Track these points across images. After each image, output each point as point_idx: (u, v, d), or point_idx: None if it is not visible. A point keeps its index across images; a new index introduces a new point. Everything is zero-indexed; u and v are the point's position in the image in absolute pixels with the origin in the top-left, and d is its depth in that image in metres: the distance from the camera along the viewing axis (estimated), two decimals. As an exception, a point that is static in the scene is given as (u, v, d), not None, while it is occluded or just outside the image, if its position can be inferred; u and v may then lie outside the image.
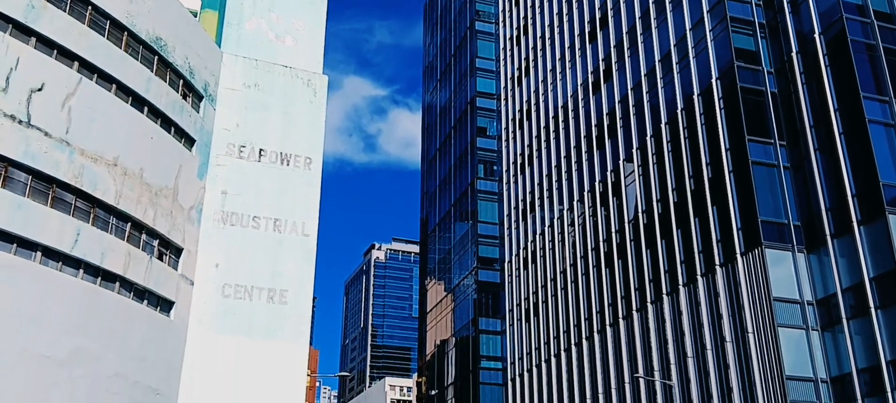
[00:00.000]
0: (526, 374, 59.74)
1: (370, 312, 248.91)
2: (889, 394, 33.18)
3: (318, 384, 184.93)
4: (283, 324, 25.32)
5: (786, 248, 38.36)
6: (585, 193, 54.48)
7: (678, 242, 44.03)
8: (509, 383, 62.30)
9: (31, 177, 20.55)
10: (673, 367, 42.80)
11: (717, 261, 40.65)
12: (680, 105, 44.95)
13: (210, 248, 25.65)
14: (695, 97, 43.65)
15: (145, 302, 23.13)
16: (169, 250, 24.63)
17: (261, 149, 27.75)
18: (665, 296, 44.42)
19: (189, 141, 26.23)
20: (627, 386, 46.85)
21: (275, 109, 28.99)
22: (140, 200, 23.36)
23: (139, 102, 24.18)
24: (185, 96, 26.37)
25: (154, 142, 24.36)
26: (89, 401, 20.34)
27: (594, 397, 50.09)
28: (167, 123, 25.20)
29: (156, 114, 24.76)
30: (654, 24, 48.86)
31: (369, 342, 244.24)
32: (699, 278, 41.80)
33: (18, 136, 20.18)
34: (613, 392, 48.12)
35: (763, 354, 36.94)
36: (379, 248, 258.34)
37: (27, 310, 19.46)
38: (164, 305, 23.88)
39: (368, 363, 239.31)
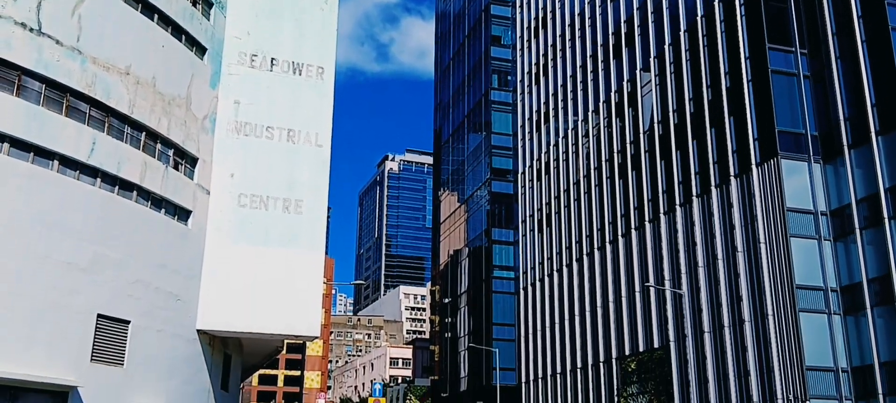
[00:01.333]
0: (538, 283, 60.59)
1: (384, 222, 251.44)
2: (898, 303, 33.48)
3: (333, 292, 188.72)
4: (298, 233, 25.63)
5: (802, 159, 38.11)
6: (601, 104, 53.96)
7: (693, 153, 43.79)
8: (521, 292, 63.30)
9: (44, 85, 20.55)
10: (683, 277, 43.24)
11: (731, 172, 40.49)
12: (700, 12, 43.93)
13: (225, 158, 25.77)
14: (715, 4, 42.61)
15: (163, 210, 23.43)
16: (184, 160, 24.78)
17: (273, 58, 27.51)
18: (678, 207, 44.49)
19: (200, 49, 26.02)
20: (638, 296, 47.50)
21: (286, 17, 28.57)
22: (153, 109, 23.38)
23: (149, 10, 23.90)
24: (194, 3, 26.02)
25: (165, 51, 24.20)
26: (112, 306, 20.88)
27: (605, 306, 50.88)
28: (178, 31, 24.96)
29: (166, 21, 24.50)
30: (674, -73, 47.27)
31: (384, 251, 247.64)
32: (713, 189, 41.74)
33: (30, 45, 20.10)
34: (624, 301, 48.83)
35: (774, 264, 37.19)
36: (392, 159, 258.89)
37: (48, 218, 19.80)
38: (182, 214, 24.20)
39: (383, 272, 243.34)
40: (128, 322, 21.14)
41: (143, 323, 21.54)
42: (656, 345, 45.17)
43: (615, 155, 51.50)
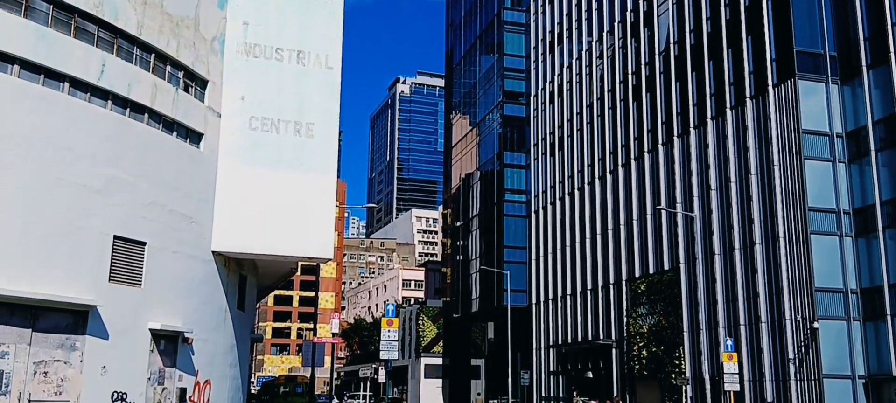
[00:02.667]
0: (549, 207, 60.73)
1: (396, 146, 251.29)
2: (911, 226, 33.40)
3: (346, 215, 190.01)
4: (310, 156, 25.63)
5: (819, 80, 37.51)
6: (616, 24, 52.96)
7: (709, 74, 43.16)
8: (533, 215, 63.52)
9: (52, 6, 20.33)
10: (695, 200, 43.19)
11: (747, 93, 39.96)
12: (718, -72, 42.64)
13: (235, 80, 25.61)
14: (735, -81, 41.29)
15: (174, 133, 23.44)
16: (194, 82, 24.65)
17: (281, -22, 26.99)
18: (692, 130, 44.11)
19: (208, -31, 25.56)
20: (649, 218, 47.57)
21: (294, -65, 27.88)
22: (162, 30, 23.15)
23: (154, -72, 23.39)
24: (201, -79, 25.46)
25: (172, -29, 23.79)
26: (128, 228, 21.13)
27: (616, 229, 51.04)
28: (184, -50, 24.50)
29: (172, -60, 24.00)
30: None
31: (395, 175, 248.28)
32: (728, 111, 41.27)
33: (35, -35, 19.81)
34: (635, 224, 48.95)
35: (787, 186, 37.03)
36: (404, 82, 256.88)
37: (60, 140, 19.87)
38: (194, 137, 24.21)
39: (395, 195, 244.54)
40: (144, 243, 21.42)
41: (158, 244, 21.82)
42: (666, 268, 45.47)
43: (629, 76, 50.83)
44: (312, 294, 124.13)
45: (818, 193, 36.27)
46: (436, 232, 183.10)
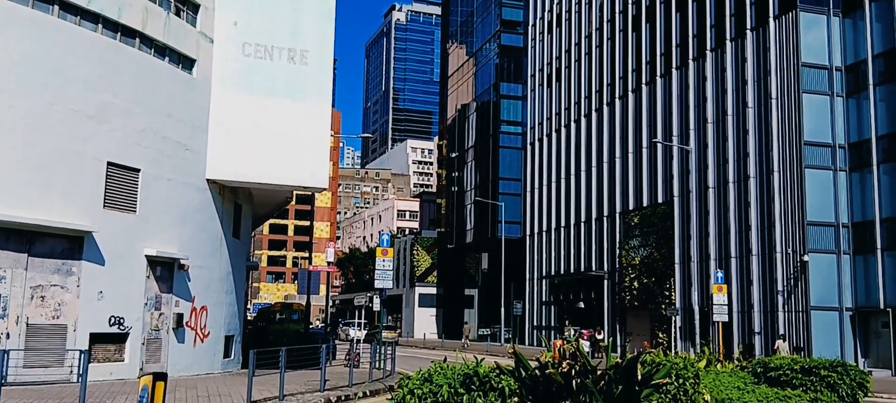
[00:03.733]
0: (545, 139, 60.59)
1: (391, 75, 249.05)
2: (906, 161, 33.48)
3: (341, 144, 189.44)
4: (304, 84, 25.33)
5: (820, 12, 37.07)
6: (615, -48, 51.93)
7: (709, 5, 42.57)
8: (529, 147, 63.42)
9: (38, -74, 19.81)
10: (692, 133, 43.12)
11: (748, 25, 39.51)
12: None
13: (227, 5, 25.12)
14: None
15: (167, 58, 23.11)
16: (185, 6, 24.19)
17: None
18: (691, 62, 43.74)
19: None
20: (645, 152, 47.56)
21: None
22: (153, -47, 22.60)
23: None
24: None
25: None
26: (122, 154, 21.02)
27: (611, 162, 51.07)
28: None
29: None
30: None
31: (391, 105, 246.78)
32: (728, 42, 40.87)
33: None
34: (630, 157, 48.96)
35: (784, 119, 36.96)
36: (399, 9, 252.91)
37: (52, 64, 19.58)
38: (186, 62, 23.89)
39: (390, 125, 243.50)
40: (138, 170, 21.34)
41: (152, 171, 21.75)
42: (660, 201, 45.70)
43: (629, 6, 50.10)
44: (308, 223, 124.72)
45: (814, 127, 36.24)
46: (431, 164, 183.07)
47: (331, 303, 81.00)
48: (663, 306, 44.19)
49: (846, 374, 16.83)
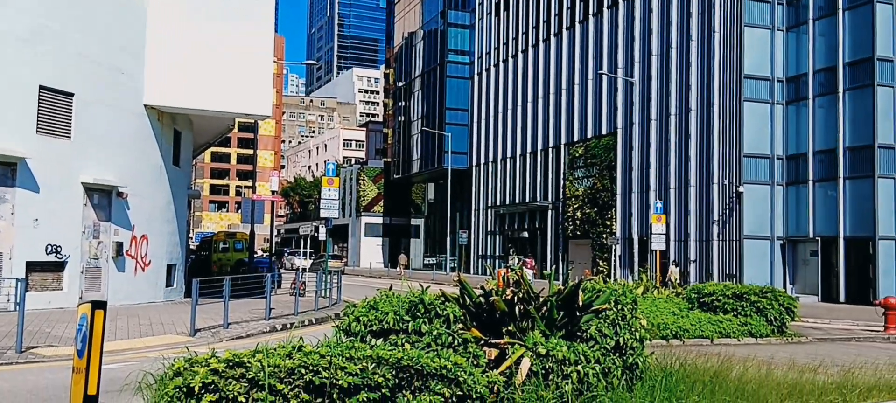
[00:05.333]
0: (493, 68, 60.37)
1: (336, 0, 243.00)
2: (841, 96, 34.47)
3: (284, 71, 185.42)
4: (245, 8, 24.55)
5: (765, -54, 37.37)
6: None
7: (657, -64, 42.48)
8: (476, 77, 63.15)
9: None
10: (636, 65, 43.50)
11: (693, -42, 39.63)
12: None
13: (164, -78, 24.00)
14: None
15: (100, -22, 22.08)
16: (119, -78, 23.04)
17: None
18: (637, -7, 43.80)
19: None
20: (590, 83, 47.89)
21: None
22: None
23: None
24: None
25: None
26: (56, 79, 20.19)
27: (557, 94, 51.31)
28: None
29: None
30: None
31: (336, 32, 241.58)
32: (673, -25, 40.99)
33: None
34: (576, 88, 49.24)
35: (725, 53, 37.55)
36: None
37: (-25, -18, 18.54)
38: (121, -17, 22.87)
39: (335, 53, 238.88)
40: (72, 94, 20.54)
41: (87, 96, 20.98)
42: (604, 132, 46.28)
43: (577, -65, 49.62)
44: (251, 151, 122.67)
45: (755, 61, 36.95)
46: (377, 93, 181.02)
47: (275, 233, 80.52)
48: (605, 235, 45.23)
49: (775, 300, 17.63)
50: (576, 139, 49.01)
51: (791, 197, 36.79)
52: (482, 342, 7.61)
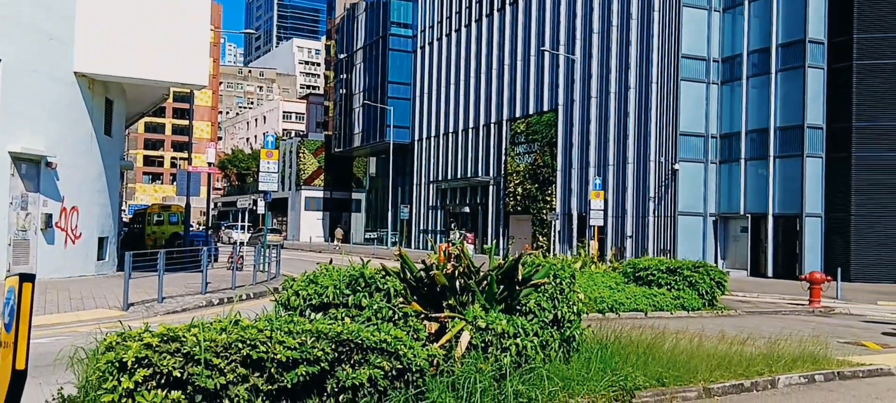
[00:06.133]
0: (436, 42, 60.13)
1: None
2: (773, 77, 35.50)
3: (222, 40, 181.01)
4: (182, -26, 23.80)
5: (704, -72, 38.01)
6: None
7: (599, -86, 42.76)
8: (419, 51, 62.82)
9: None
10: (578, 43, 43.91)
11: (634, -63, 40.06)
12: None
13: None
14: None
15: (25, -62, 21.09)
16: None
17: None
18: (579, -30, 44.10)
19: None
20: (533, 60, 48.17)
21: None
22: None
23: None
24: None
25: None
26: (-24, 42, 19.29)
27: (500, 69, 51.47)
28: None
29: None
30: None
31: (276, 0, 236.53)
32: (615, -47, 41.38)
33: None
34: (519, 64, 49.48)
35: (665, 31, 38.21)
36: None
37: None
38: (48, -57, 21.89)
39: (275, 22, 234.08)
40: (-3, 60, 19.66)
41: (15, 62, 20.09)
42: (545, 109, 46.70)
43: (521, -89, 49.59)
44: (186, 122, 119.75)
45: (692, 41, 37.71)
46: (318, 64, 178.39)
47: (212, 206, 79.00)
48: (545, 211, 45.81)
49: (707, 274, 18.16)
50: (517, 115, 49.33)
51: (724, 174, 37.85)
52: (422, 316, 7.63)
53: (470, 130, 54.80)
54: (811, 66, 34.28)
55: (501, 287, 8.10)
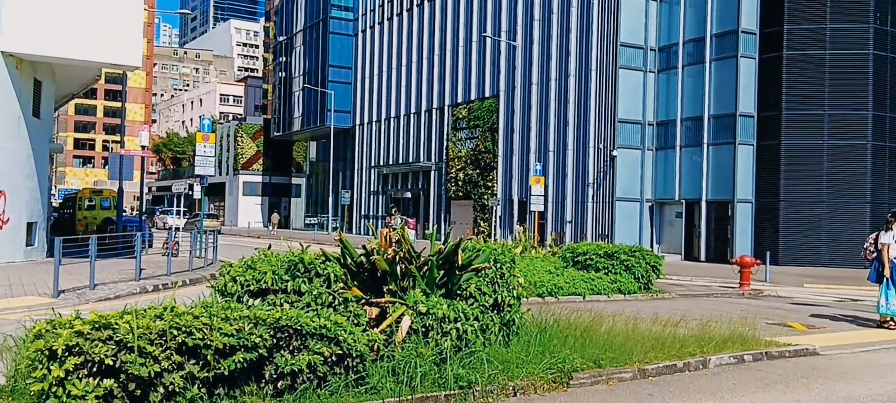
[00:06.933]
0: (378, 26, 59.67)
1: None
2: (707, 66, 36.39)
3: (156, 20, 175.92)
4: (114, -50, 23.01)
5: (642, -82, 38.57)
6: None
7: None
8: (360, 34, 62.26)
9: None
10: (519, 29, 44.17)
11: (575, -75, 40.42)
12: None
13: None
14: None
15: None
16: None
17: None
18: (520, -43, 44.31)
19: None
20: (474, 46, 48.27)
21: None
22: None
23: None
24: None
25: None
26: None
27: (441, 54, 51.42)
28: None
29: None
30: None
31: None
32: (556, -59, 41.70)
33: None
34: (461, 49, 49.52)
35: (604, 19, 38.75)
36: None
37: None
38: (-31, -86, 20.88)
39: (212, 3, 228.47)
40: (-87, 36, 18.71)
41: (-69, 38, 19.18)
42: (487, 95, 46.90)
43: None
44: (119, 104, 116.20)
45: (630, 29, 38.34)
46: (257, 47, 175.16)
47: (147, 190, 77.03)
48: (486, 196, 46.10)
49: (643, 258, 18.57)
50: (459, 101, 49.43)
51: (660, 161, 38.71)
52: (363, 301, 7.61)
53: (412, 115, 54.68)
54: (744, 56, 35.26)
55: (442, 272, 8.13)
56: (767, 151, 35.12)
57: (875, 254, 13.45)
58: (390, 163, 57.14)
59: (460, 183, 48.88)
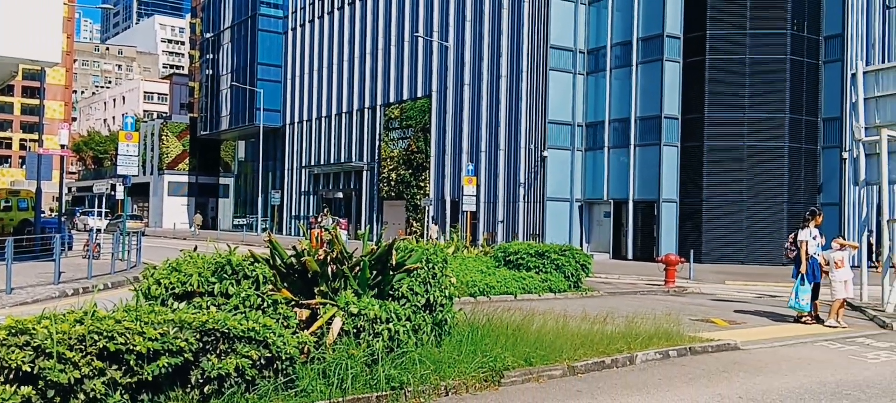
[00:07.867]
0: (308, 24, 58.97)
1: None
2: (634, 69, 37.29)
3: (77, 15, 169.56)
4: (30, -60, 22.05)
5: (571, -78, 39.21)
6: None
7: None
8: (291, 32, 61.41)
9: None
10: (452, 29, 44.35)
11: (506, -72, 40.82)
12: None
13: None
14: None
15: None
16: None
17: None
18: (452, -42, 44.49)
19: None
20: (407, 46, 48.21)
21: None
22: None
23: None
24: None
25: None
26: None
27: (373, 53, 51.17)
28: None
29: None
30: None
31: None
32: (487, -57, 42.03)
33: None
34: (393, 48, 49.39)
35: (534, 21, 39.27)
36: None
37: None
38: None
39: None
40: None
41: None
42: (420, 95, 46.91)
43: None
44: (37, 101, 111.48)
45: (560, 31, 38.97)
46: (182, 43, 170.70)
47: (66, 191, 74.13)
48: (419, 196, 46.11)
49: (572, 257, 18.89)
50: (392, 100, 49.29)
51: (589, 162, 39.46)
52: (293, 303, 7.50)
53: (344, 115, 54.25)
54: (668, 60, 36.26)
55: (374, 272, 8.08)
56: (691, 152, 36.21)
57: (795, 252, 13.96)
58: (322, 162, 56.55)
59: (393, 183, 48.75)
